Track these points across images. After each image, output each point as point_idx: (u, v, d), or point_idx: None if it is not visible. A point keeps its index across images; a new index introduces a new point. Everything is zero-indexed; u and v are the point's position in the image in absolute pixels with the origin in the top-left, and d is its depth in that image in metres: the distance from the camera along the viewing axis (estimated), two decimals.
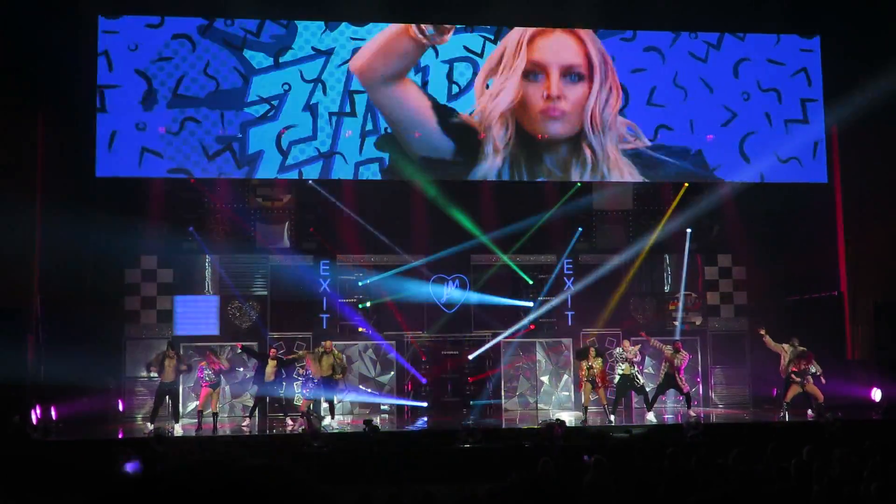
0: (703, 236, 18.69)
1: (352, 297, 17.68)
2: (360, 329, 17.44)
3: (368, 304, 17.58)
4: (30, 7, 14.85)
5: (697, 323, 18.58)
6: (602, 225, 18.78)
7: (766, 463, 8.45)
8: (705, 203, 18.23)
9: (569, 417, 15.55)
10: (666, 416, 16.61)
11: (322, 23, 16.33)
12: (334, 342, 16.27)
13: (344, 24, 16.36)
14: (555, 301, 18.10)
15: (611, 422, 15.25)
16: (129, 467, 9.94)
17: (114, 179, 15.84)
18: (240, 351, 16.35)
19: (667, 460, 8.31)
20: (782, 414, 15.53)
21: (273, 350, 15.87)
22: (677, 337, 17.54)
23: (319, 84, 16.21)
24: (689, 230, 18.36)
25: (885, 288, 16.94)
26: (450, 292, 17.79)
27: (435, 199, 17.00)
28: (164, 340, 16.48)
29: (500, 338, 17.76)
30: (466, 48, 16.57)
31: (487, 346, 17.72)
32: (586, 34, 16.84)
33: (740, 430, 14.57)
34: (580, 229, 18.24)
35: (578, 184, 17.57)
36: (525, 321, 17.87)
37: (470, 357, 17.64)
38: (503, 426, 15.70)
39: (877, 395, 15.86)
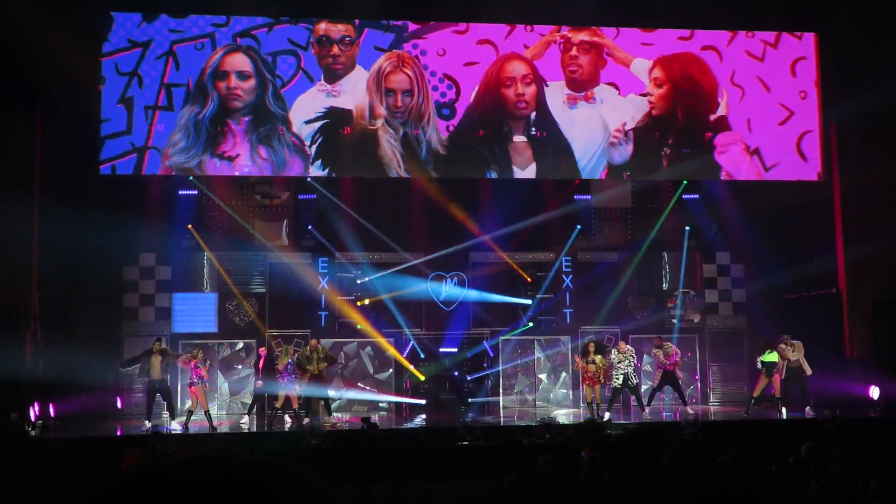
0: (702, 234, 18.69)
1: (350, 295, 17.66)
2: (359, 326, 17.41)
3: (367, 301, 17.56)
4: (29, 3, 14.81)
5: (696, 321, 18.59)
6: (601, 222, 18.77)
7: (765, 461, 8.45)
8: (704, 200, 18.27)
9: (566, 415, 15.56)
10: (664, 414, 16.62)
11: (140, 14, 15.85)
12: (334, 339, 16.27)
13: (163, 14, 15.91)
14: (553, 298, 18.13)
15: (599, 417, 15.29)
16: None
17: (112, 177, 15.81)
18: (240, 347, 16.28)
19: (665, 458, 8.31)
20: (781, 410, 15.55)
21: (263, 349, 15.86)
22: (675, 334, 17.64)
23: (136, 77, 15.86)
24: (687, 228, 18.37)
25: (884, 286, 16.95)
26: (448, 290, 17.78)
27: (434, 196, 16.98)
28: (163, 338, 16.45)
29: (499, 336, 17.76)
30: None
31: (486, 343, 17.72)
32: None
33: (738, 427, 14.58)
34: (579, 227, 18.23)
35: (577, 181, 17.57)
36: (524, 319, 17.87)
37: (468, 354, 17.64)
38: (501, 423, 15.69)
39: (875, 392, 15.87)
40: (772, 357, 15.54)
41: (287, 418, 15.53)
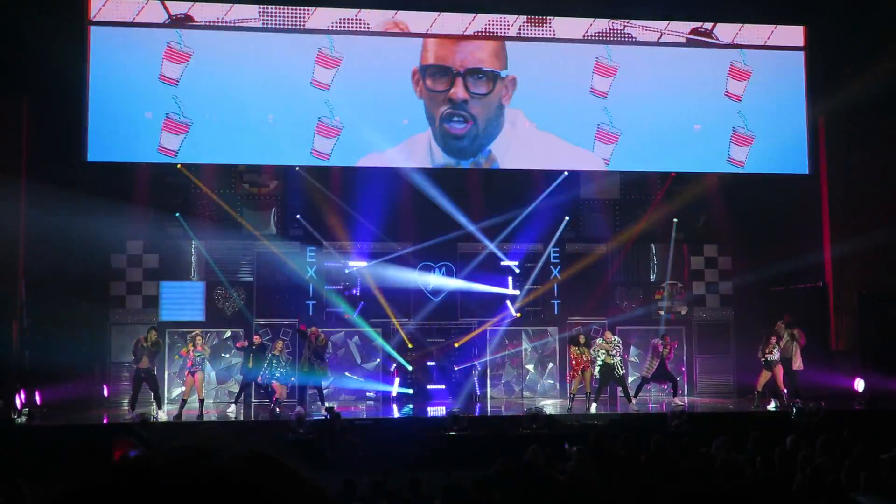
0: (690, 226, 18.72)
1: (338, 284, 17.62)
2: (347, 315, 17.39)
3: (355, 290, 17.53)
4: None
5: (683, 312, 18.64)
6: (589, 214, 18.78)
7: (750, 452, 8.51)
8: (692, 193, 18.28)
9: (552, 405, 15.59)
10: (650, 405, 16.69)
11: None
12: (322, 328, 16.24)
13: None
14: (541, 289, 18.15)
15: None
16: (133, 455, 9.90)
17: (100, 164, 15.68)
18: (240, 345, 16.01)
19: (651, 449, 8.35)
20: (769, 402, 15.62)
21: (257, 336, 15.81)
22: (662, 326, 17.74)
23: (116, 63, 15.45)
24: (675, 220, 18.40)
25: (870, 279, 17.04)
26: (436, 280, 17.76)
27: (422, 186, 16.95)
28: (149, 326, 16.35)
29: (486, 326, 17.78)
30: None
31: (473, 334, 17.72)
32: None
33: (724, 419, 14.66)
34: (567, 218, 18.22)
35: (566, 173, 17.56)
36: (511, 309, 17.88)
37: (456, 345, 17.64)
38: (489, 414, 15.72)
39: (860, 385, 15.97)
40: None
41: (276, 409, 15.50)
